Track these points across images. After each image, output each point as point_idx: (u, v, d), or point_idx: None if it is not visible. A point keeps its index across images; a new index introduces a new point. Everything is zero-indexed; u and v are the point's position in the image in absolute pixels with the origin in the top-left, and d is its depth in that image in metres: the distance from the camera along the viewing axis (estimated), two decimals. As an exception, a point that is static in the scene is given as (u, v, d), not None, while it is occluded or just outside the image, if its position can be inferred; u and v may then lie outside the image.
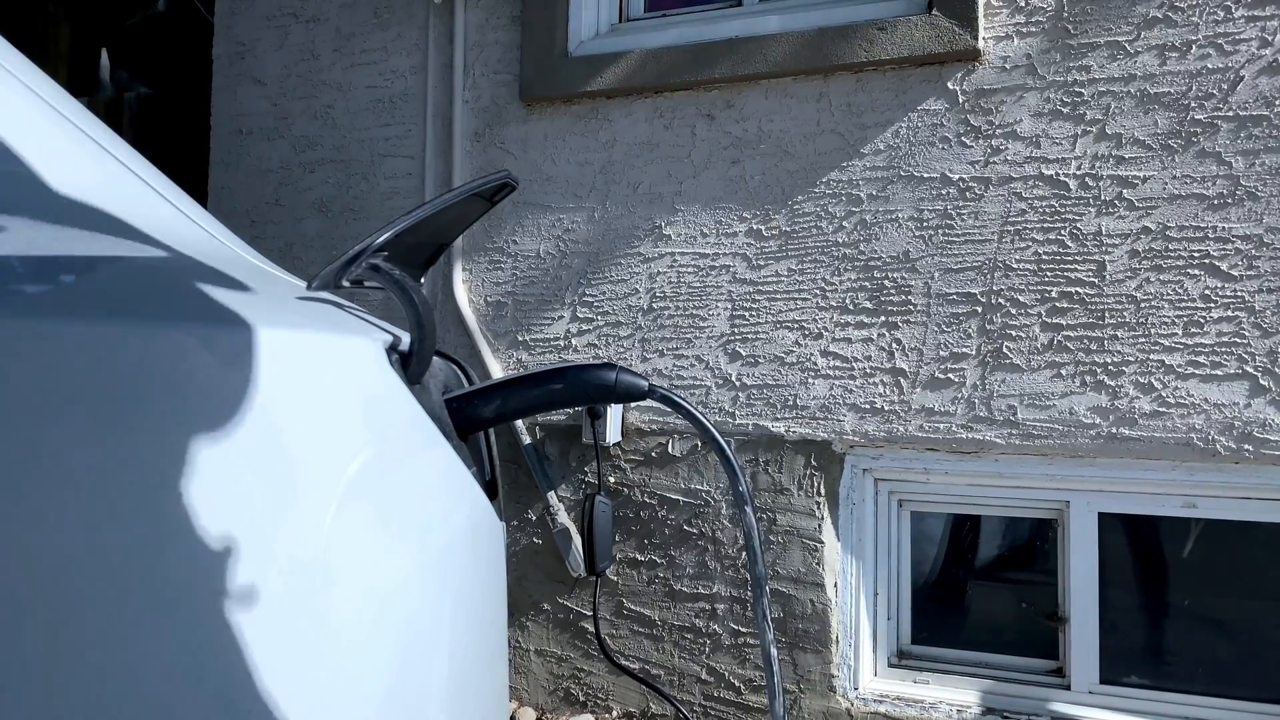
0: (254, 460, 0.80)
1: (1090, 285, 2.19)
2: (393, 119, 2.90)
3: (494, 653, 1.13)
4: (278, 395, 0.85)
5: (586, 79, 2.63)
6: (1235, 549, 2.22)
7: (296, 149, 3.02)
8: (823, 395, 2.39)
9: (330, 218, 2.96)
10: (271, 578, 0.78)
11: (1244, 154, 2.09)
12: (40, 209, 0.90)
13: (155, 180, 1.08)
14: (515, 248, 2.74)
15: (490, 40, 2.78)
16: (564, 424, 2.66)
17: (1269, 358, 2.07)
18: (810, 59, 2.41)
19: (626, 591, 2.58)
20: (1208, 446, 2.10)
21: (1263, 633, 2.20)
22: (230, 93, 3.12)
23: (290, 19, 3.05)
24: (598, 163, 2.65)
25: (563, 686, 2.65)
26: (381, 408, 0.96)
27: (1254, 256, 2.08)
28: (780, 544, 2.41)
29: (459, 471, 1.04)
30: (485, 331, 2.76)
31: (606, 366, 1.12)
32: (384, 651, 0.88)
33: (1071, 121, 2.22)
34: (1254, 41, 2.09)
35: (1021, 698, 2.30)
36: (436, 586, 0.97)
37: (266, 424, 0.82)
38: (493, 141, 2.77)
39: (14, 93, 0.95)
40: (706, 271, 2.52)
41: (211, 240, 1.10)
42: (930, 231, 2.32)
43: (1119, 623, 2.27)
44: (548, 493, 2.64)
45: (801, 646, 2.40)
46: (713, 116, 2.54)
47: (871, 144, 2.38)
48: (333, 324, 1.00)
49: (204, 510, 0.74)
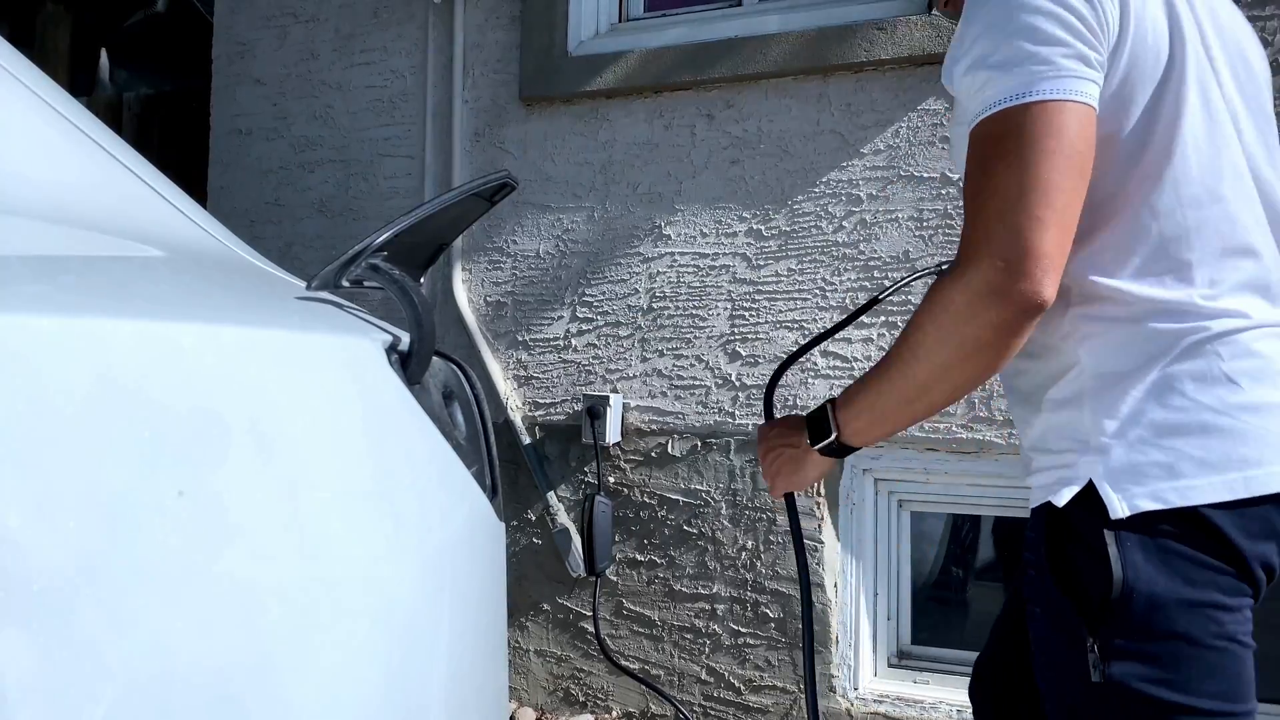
0: (253, 460, 0.80)
1: (1090, 285, 2.19)
2: (392, 119, 2.90)
3: (493, 653, 1.13)
4: (277, 395, 0.85)
5: (586, 79, 2.63)
6: (1235, 549, 2.22)
7: (296, 149, 3.02)
8: (823, 395, 2.39)
9: (330, 218, 2.96)
10: (271, 578, 0.78)
11: (1244, 154, 2.09)
12: (40, 209, 0.90)
13: (155, 180, 1.08)
14: (515, 248, 2.74)
15: (490, 40, 2.78)
16: (564, 424, 2.66)
17: (1269, 358, 2.06)
18: (810, 59, 2.41)
19: (626, 591, 2.58)
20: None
21: (1262, 633, 2.19)
22: (229, 93, 3.12)
23: (290, 19, 3.05)
24: (597, 162, 2.65)
25: (562, 687, 2.65)
26: (381, 408, 0.96)
27: (1254, 256, 2.08)
28: (780, 544, 2.41)
29: (459, 471, 1.04)
30: (485, 331, 2.76)
31: None
32: (384, 651, 0.88)
33: (1071, 121, 2.21)
34: (1254, 41, 2.09)
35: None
36: (436, 586, 0.97)
37: (266, 424, 0.82)
38: (492, 141, 2.77)
39: (14, 93, 0.95)
40: (706, 271, 2.52)
41: (211, 240, 1.10)
42: (930, 231, 2.32)
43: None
44: (547, 493, 2.64)
45: (801, 646, 2.40)
46: (712, 116, 2.54)
47: (871, 144, 2.37)
48: (332, 324, 1.00)
49: (204, 510, 0.74)
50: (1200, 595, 0.91)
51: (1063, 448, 0.99)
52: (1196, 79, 0.98)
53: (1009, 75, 0.92)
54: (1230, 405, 0.93)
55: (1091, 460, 0.95)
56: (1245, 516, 0.92)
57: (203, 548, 0.74)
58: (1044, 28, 0.92)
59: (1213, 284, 0.96)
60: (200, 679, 0.72)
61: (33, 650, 0.65)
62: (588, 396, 2.57)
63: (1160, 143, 0.96)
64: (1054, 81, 0.90)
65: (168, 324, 0.79)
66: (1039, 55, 0.91)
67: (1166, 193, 0.96)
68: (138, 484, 0.72)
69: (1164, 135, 0.96)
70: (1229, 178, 0.99)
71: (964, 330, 0.93)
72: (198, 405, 0.77)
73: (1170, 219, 0.96)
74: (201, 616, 0.73)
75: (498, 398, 2.69)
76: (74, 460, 0.69)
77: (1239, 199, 0.99)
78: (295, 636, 0.79)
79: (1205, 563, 0.91)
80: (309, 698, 0.80)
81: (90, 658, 0.67)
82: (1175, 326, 0.95)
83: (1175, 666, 0.91)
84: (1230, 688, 0.92)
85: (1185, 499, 0.91)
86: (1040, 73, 0.91)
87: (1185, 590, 0.91)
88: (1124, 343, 0.97)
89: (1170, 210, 0.96)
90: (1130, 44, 0.95)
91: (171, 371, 0.77)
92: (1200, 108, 0.98)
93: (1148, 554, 0.91)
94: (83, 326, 0.74)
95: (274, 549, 0.79)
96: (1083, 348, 0.99)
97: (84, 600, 0.67)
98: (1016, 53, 0.92)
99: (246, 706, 0.75)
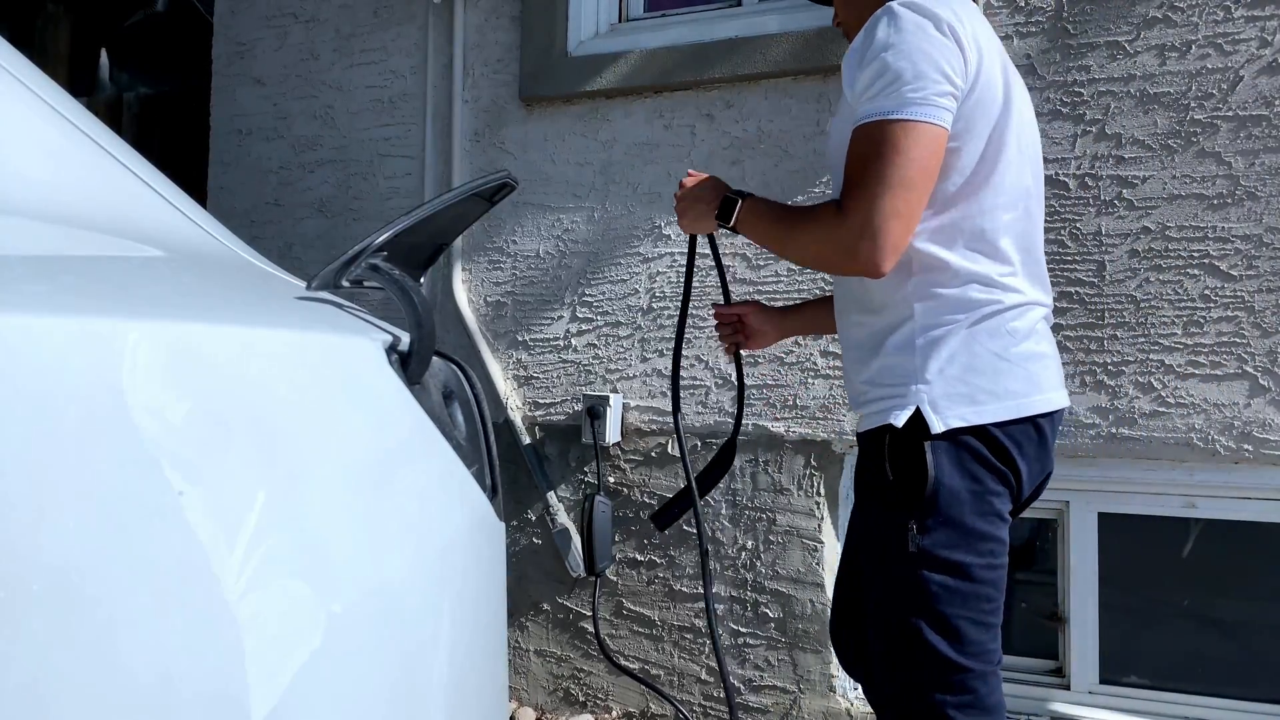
0: (254, 460, 0.80)
1: (1090, 285, 2.19)
2: (392, 119, 2.90)
3: (493, 653, 1.13)
4: (277, 395, 0.85)
5: (586, 79, 2.63)
6: (1235, 549, 2.22)
7: (296, 149, 3.02)
8: (822, 395, 2.39)
9: (330, 218, 2.96)
10: (272, 577, 0.78)
11: (1243, 154, 2.09)
12: (40, 209, 0.90)
13: (155, 181, 1.08)
14: (515, 248, 2.74)
15: (490, 40, 2.78)
16: (563, 424, 2.66)
17: (1269, 358, 2.07)
18: (810, 59, 2.41)
19: (626, 591, 2.58)
20: (1207, 446, 2.10)
21: (1262, 633, 2.20)
22: (229, 93, 3.12)
23: (289, 19, 3.05)
24: (597, 162, 2.65)
25: (562, 687, 2.65)
26: (381, 408, 0.96)
27: (1253, 256, 2.08)
28: (780, 544, 2.41)
29: (459, 471, 1.04)
30: (485, 331, 2.76)
31: None
32: (384, 651, 0.88)
33: (1071, 121, 2.22)
34: (1253, 41, 2.09)
35: (1021, 697, 2.30)
36: (436, 586, 0.97)
37: (266, 424, 0.82)
38: (492, 141, 2.77)
39: (14, 93, 0.95)
40: (706, 271, 2.52)
41: (211, 240, 1.10)
42: (930, 231, 2.31)
43: (1118, 623, 2.27)
44: (547, 493, 2.64)
45: (801, 646, 2.40)
46: (712, 116, 2.54)
47: (871, 144, 2.37)
48: (332, 324, 1.00)
49: (204, 510, 0.74)
50: (980, 486, 1.29)
51: (894, 382, 1.33)
52: (1015, 125, 1.34)
53: (889, 95, 1.24)
54: (1010, 354, 1.31)
55: (917, 391, 1.30)
56: (1012, 432, 1.31)
57: (203, 548, 0.74)
58: (921, 63, 1.24)
59: (1010, 267, 1.34)
60: (200, 679, 0.72)
61: (33, 650, 0.65)
62: (587, 396, 2.57)
63: (989, 162, 1.32)
64: (920, 107, 1.23)
65: (168, 324, 0.79)
66: (913, 84, 1.24)
67: (988, 197, 1.32)
68: (138, 484, 0.72)
69: (992, 157, 1.32)
70: (1025, 196, 1.38)
71: (820, 252, 1.33)
72: (198, 405, 0.77)
73: (990, 216, 1.32)
74: (201, 616, 0.73)
75: (498, 398, 2.69)
76: (74, 460, 0.69)
77: (1029, 212, 1.39)
78: (295, 636, 0.79)
79: (988, 462, 1.30)
80: (309, 698, 0.80)
81: (90, 658, 0.67)
82: (983, 295, 1.31)
83: (962, 534, 1.29)
84: (996, 548, 1.32)
85: (980, 418, 1.29)
86: (912, 98, 1.23)
87: (971, 484, 1.29)
88: (947, 306, 1.31)
89: (991, 210, 1.32)
90: (979, 89, 1.29)
91: (171, 371, 0.77)
92: (1015, 145, 1.34)
93: (950, 459, 1.28)
94: (83, 326, 0.74)
95: (274, 549, 0.79)
96: (918, 306, 1.32)
97: (84, 600, 0.67)
98: (898, 78, 1.24)
99: (246, 706, 0.75)
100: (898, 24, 1.27)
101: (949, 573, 1.29)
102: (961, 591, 1.29)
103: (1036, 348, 1.35)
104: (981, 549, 1.30)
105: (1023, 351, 1.32)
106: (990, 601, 1.31)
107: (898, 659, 1.33)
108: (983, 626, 1.31)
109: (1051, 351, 1.40)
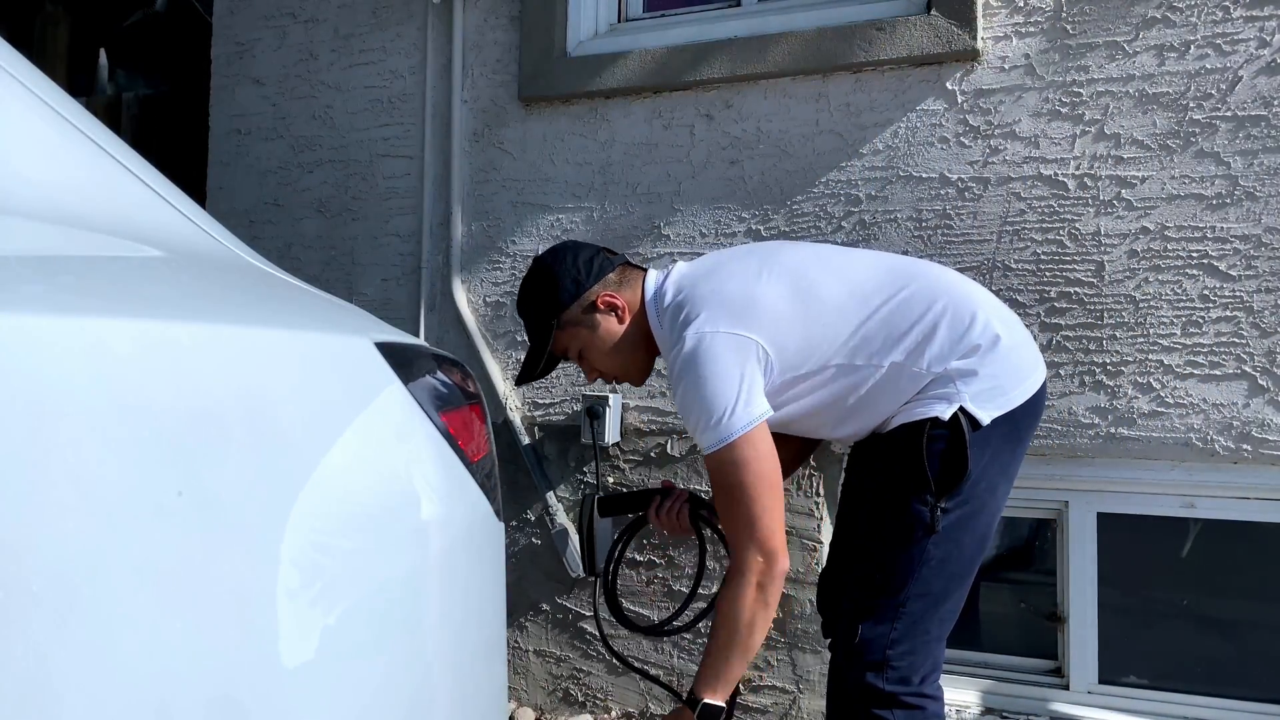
0: (253, 460, 0.80)
1: (1089, 285, 2.19)
2: (391, 119, 2.89)
3: (492, 653, 1.13)
4: (277, 395, 0.85)
5: (585, 79, 2.63)
6: (1234, 549, 2.22)
7: (295, 149, 3.01)
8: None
9: (329, 218, 2.96)
10: (271, 576, 0.78)
11: (1242, 154, 2.09)
12: (40, 209, 0.90)
13: (154, 180, 1.08)
14: (514, 248, 2.74)
15: (489, 40, 2.78)
16: (562, 424, 2.66)
17: (1267, 358, 2.07)
18: (809, 59, 2.41)
19: (626, 591, 2.58)
20: (1206, 446, 2.10)
21: (1261, 632, 2.20)
22: (228, 93, 3.12)
23: (289, 19, 3.05)
24: (596, 163, 2.65)
25: (562, 687, 2.65)
26: (381, 407, 0.96)
27: (1252, 256, 2.08)
28: (779, 544, 2.41)
29: (458, 471, 1.04)
30: (484, 332, 2.76)
31: None
32: (384, 651, 0.88)
33: (1070, 122, 2.22)
34: (1252, 42, 2.09)
35: (1021, 697, 2.30)
36: (436, 586, 0.97)
37: (265, 424, 0.82)
38: (491, 142, 2.77)
39: (14, 93, 0.95)
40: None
41: (210, 240, 1.10)
42: (929, 232, 2.32)
43: (1118, 623, 2.27)
44: (546, 493, 2.64)
45: (800, 646, 2.40)
46: (711, 117, 2.54)
47: (870, 144, 2.38)
48: (332, 324, 1.00)
49: (204, 510, 0.74)
50: (993, 467, 1.54)
51: (932, 398, 1.53)
52: (790, 282, 1.62)
53: (714, 429, 1.49)
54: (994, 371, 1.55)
55: (956, 393, 1.51)
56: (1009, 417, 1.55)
57: (203, 548, 0.74)
58: (723, 389, 1.49)
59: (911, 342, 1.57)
60: (200, 679, 0.72)
61: (33, 650, 0.65)
62: (587, 397, 2.57)
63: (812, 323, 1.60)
64: (740, 419, 1.48)
65: (167, 324, 0.79)
66: (727, 408, 1.48)
67: (838, 330, 1.60)
68: (138, 484, 0.72)
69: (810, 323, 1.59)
70: (850, 296, 1.61)
71: (758, 607, 1.53)
72: (197, 405, 0.77)
73: (858, 336, 1.58)
74: (201, 616, 0.73)
75: (497, 398, 2.69)
76: (74, 460, 0.69)
77: (867, 297, 1.62)
78: (295, 636, 0.79)
79: (998, 446, 1.54)
80: (308, 697, 0.80)
81: (90, 658, 0.67)
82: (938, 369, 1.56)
83: (975, 511, 1.54)
84: (991, 519, 1.58)
85: (1002, 409, 1.52)
86: (731, 421, 1.48)
87: (991, 468, 1.53)
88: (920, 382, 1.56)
89: (854, 333, 1.59)
90: (776, 364, 1.55)
91: (171, 371, 0.77)
92: (806, 291, 1.62)
93: (980, 448, 1.51)
94: (83, 326, 0.74)
95: (273, 549, 0.79)
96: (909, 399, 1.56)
97: (84, 600, 0.67)
98: (714, 410, 1.49)
99: (246, 706, 0.75)
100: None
101: (954, 541, 1.53)
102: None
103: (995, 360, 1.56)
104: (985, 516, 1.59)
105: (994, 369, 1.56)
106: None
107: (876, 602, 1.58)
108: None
109: (1010, 341, 1.57)
